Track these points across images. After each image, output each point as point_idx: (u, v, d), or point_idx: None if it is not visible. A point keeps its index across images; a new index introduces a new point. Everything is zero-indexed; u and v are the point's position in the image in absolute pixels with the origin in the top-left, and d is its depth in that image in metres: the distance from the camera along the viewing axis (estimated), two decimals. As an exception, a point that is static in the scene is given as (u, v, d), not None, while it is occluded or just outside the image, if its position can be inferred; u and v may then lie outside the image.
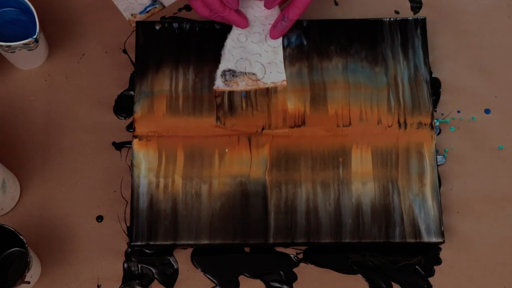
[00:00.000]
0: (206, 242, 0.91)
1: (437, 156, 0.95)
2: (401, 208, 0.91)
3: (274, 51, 0.96)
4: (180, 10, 1.02)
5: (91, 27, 1.01)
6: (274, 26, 0.94)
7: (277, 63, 0.96)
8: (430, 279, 0.92)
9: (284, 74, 0.95)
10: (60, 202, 0.95)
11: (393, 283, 0.92)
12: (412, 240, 0.90)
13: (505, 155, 0.97)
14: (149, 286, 0.92)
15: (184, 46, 0.97)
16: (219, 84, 0.95)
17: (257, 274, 0.93)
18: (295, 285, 0.92)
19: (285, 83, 0.95)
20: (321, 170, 0.93)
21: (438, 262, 0.93)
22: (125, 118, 0.98)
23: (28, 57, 0.96)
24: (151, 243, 0.91)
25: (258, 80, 0.95)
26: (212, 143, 0.94)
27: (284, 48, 0.97)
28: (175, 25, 0.98)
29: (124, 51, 1.00)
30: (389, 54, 0.97)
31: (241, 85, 0.95)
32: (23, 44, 0.92)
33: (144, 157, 0.93)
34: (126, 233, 0.94)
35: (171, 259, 0.93)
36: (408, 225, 0.91)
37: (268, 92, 0.95)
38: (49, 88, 0.99)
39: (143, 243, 0.91)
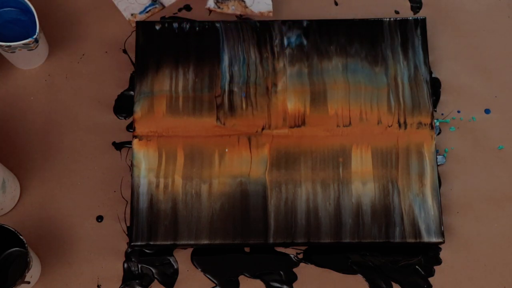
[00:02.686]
0: (206, 242, 0.91)
1: (437, 156, 0.95)
2: (401, 208, 0.91)
3: None
4: (180, 10, 1.02)
5: (91, 27, 1.01)
6: None
7: None
8: (430, 279, 0.92)
9: (271, 6, 0.99)
10: (60, 202, 0.95)
11: (393, 283, 0.92)
12: (412, 240, 0.90)
13: (505, 155, 0.97)
14: (149, 286, 0.92)
15: (184, 46, 0.97)
16: (210, 4, 0.99)
17: (257, 274, 0.93)
18: (295, 285, 0.92)
19: (271, 14, 0.99)
20: (321, 170, 0.93)
21: (438, 262, 0.93)
22: (125, 118, 0.98)
23: (28, 57, 0.96)
24: (151, 243, 0.91)
25: (247, 7, 0.98)
26: (212, 143, 0.94)
27: (284, 48, 0.97)
28: (175, 25, 0.98)
29: (124, 51, 1.00)
30: (389, 54, 0.97)
31: (231, 9, 0.98)
32: (23, 44, 0.92)
33: (144, 157, 0.93)
34: (126, 233, 0.94)
35: (171, 259, 0.93)
36: (408, 225, 0.91)
37: (268, 92, 0.95)
38: (49, 88, 0.99)
39: (143, 243, 0.91)
